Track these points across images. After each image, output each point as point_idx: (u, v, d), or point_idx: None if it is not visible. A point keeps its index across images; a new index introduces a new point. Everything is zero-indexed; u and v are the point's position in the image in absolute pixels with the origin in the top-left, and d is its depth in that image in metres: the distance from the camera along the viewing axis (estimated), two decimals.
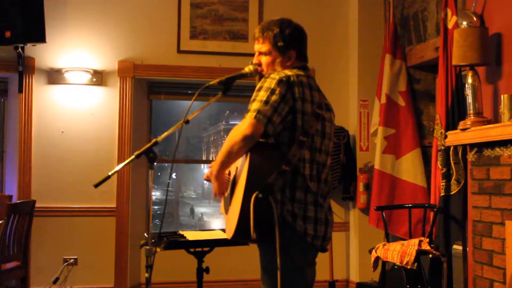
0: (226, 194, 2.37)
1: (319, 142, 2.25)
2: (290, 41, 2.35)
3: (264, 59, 2.38)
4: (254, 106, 2.12)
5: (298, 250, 2.19)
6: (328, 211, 2.29)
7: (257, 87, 2.21)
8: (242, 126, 2.09)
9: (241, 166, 2.18)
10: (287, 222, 2.13)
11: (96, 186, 2.19)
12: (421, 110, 5.11)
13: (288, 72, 2.23)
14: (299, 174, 2.18)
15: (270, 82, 2.18)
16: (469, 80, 3.34)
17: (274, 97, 2.13)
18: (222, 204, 2.50)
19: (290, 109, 2.17)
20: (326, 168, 2.29)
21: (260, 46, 2.39)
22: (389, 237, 4.48)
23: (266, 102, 2.12)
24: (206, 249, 3.34)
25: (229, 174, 2.35)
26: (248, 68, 2.41)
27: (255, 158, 2.09)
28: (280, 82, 2.16)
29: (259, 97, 2.14)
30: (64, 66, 5.10)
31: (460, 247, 4.15)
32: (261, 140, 2.14)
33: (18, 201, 4.65)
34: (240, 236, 2.14)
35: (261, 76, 2.38)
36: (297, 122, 2.18)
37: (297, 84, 2.20)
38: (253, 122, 2.08)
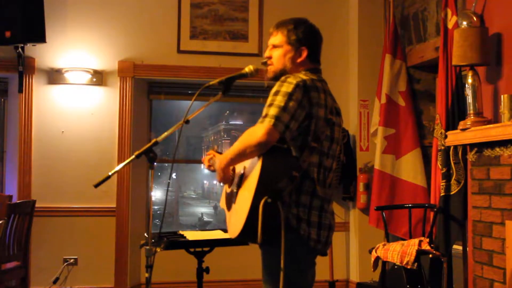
0: (229, 190, 2.37)
1: (327, 147, 2.25)
2: (303, 37, 2.36)
3: (276, 53, 2.38)
4: (272, 111, 2.10)
5: (300, 253, 2.20)
6: (331, 215, 2.30)
7: (273, 91, 2.19)
8: (259, 131, 2.07)
9: (250, 167, 2.18)
10: (291, 226, 2.14)
11: (96, 186, 2.19)
12: (421, 110, 5.11)
13: (303, 76, 2.23)
14: (308, 178, 2.19)
15: (287, 86, 2.16)
16: (469, 80, 3.34)
17: (291, 103, 2.12)
18: (223, 198, 2.50)
19: (307, 114, 2.17)
20: (332, 172, 2.30)
21: (273, 39, 2.40)
22: (389, 237, 4.48)
23: (284, 108, 2.10)
24: (206, 249, 3.34)
25: (233, 170, 2.35)
26: (248, 68, 2.41)
27: (268, 162, 2.07)
28: (297, 87, 2.15)
29: (277, 102, 2.12)
30: (64, 66, 5.10)
31: (460, 247, 4.15)
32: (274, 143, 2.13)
33: (18, 201, 4.65)
34: (245, 238, 2.15)
35: (276, 78, 2.37)
36: (311, 127, 2.19)
37: (313, 89, 2.20)
38: (271, 128, 2.06)
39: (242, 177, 2.23)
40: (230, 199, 2.34)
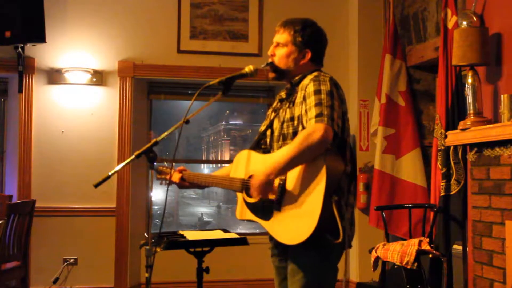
0: (252, 200, 2.31)
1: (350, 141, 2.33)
2: (308, 40, 2.36)
3: (280, 51, 2.38)
4: (325, 111, 2.12)
5: (341, 250, 2.24)
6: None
7: (311, 90, 2.20)
8: (319, 131, 2.07)
9: (299, 172, 2.14)
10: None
11: (96, 186, 2.19)
12: (421, 110, 5.11)
13: (326, 74, 2.28)
14: (346, 174, 2.22)
15: (325, 84, 2.20)
16: (469, 80, 3.34)
17: (336, 102, 2.18)
18: (242, 209, 2.42)
19: (342, 111, 2.23)
20: None
21: (279, 37, 2.40)
22: (389, 237, 4.48)
23: (332, 107, 2.14)
24: (206, 249, 3.34)
25: (250, 177, 2.31)
26: (248, 68, 2.41)
27: (330, 162, 2.09)
28: (331, 85, 2.22)
29: (325, 101, 2.15)
30: (64, 66, 5.10)
31: (460, 247, 4.15)
32: None
33: (18, 201, 4.65)
34: (314, 239, 2.08)
35: (276, 70, 2.37)
36: (345, 123, 2.25)
37: (339, 86, 2.27)
38: (328, 127, 2.09)
39: (284, 186, 2.18)
40: (263, 209, 2.27)
